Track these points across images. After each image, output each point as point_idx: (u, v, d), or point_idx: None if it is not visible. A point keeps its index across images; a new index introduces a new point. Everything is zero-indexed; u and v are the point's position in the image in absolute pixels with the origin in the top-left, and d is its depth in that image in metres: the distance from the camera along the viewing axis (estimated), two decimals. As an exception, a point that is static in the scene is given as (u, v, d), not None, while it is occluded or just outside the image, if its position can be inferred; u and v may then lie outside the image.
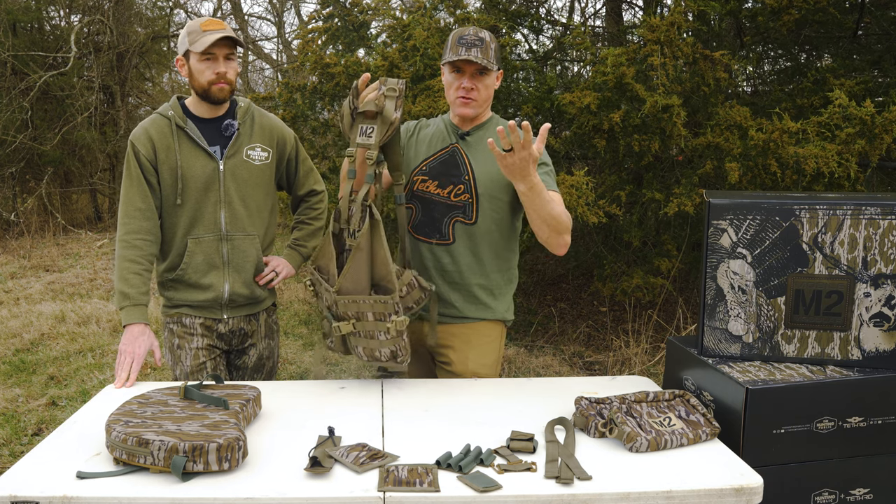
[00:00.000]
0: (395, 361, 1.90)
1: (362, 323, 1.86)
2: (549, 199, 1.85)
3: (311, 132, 4.83)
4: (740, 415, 1.62)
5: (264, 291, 2.29)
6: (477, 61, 1.95)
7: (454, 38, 2.00)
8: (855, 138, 3.32)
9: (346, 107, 1.90)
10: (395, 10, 5.23)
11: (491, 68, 1.98)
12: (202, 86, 2.09)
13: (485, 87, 2.03)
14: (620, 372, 4.19)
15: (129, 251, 2.09)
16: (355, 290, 1.84)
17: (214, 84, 2.09)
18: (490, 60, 1.98)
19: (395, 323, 1.82)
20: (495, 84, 2.07)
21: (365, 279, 1.85)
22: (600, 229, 4.65)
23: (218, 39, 2.03)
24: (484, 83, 2.02)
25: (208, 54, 2.05)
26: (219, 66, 2.08)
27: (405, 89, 1.90)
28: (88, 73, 10.09)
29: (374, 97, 1.86)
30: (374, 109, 1.85)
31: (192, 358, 2.20)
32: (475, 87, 2.01)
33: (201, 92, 2.11)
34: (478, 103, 2.04)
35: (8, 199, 9.66)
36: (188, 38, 2.06)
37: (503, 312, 2.17)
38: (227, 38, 2.05)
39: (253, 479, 1.41)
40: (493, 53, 2.00)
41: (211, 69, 2.07)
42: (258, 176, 2.21)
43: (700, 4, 3.69)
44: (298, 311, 5.78)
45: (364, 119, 1.88)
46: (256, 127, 2.21)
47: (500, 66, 2.08)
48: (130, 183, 2.12)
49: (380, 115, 1.86)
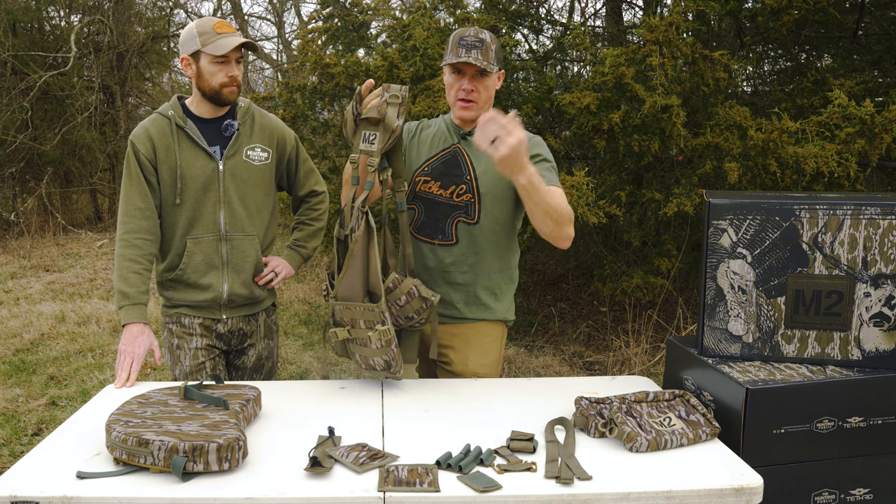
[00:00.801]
0: (390, 371, 1.89)
1: (356, 330, 1.86)
2: (549, 191, 1.85)
3: (311, 132, 4.83)
4: (740, 415, 1.62)
5: (263, 292, 2.29)
6: (477, 63, 1.94)
7: (455, 39, 1.99)
8: (855, 138, 3.32)
9: (350, 112, 1.89)
10: (395, 10, 5.23)
11: (491, 70, 1.98)
12: (213, 87, 2.09)
13: (485, 89, 2.03)
14: (620, 372, 4.19)
15: (128, 250, 2.09)
16: (350, 296, 1.84)
17: (226, 87, 2.09)
18: (490, 62, 1.98)
19: (380, 332, 1.81)
20: (496, 85, 2.07)
21: (359, 286, 1.84)
22: (600, 229, 4.65)
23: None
24: (484, 84, 2.02)
25: (223, 57, 2.06)
26: (232, 69, 2.09)
27: (408, 95, 1.89)
28: (88, 73, 10.10)
29: (377, 104, 1.85)
30: (377, 116, 1.84)
31: (191, 358, 2.20)
32: (475, 88, 2.01)
33: (210, 93, 2.10)
34: (478, 105, 2.04)
35: (8, 199, 9.66)
36: (199, 39, 2.05)
37: (504, 313, 2.17)
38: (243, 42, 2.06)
39: (253, 479, 1.41)
40: (494, 54, 2.00)
41: (224, 72, 2.08)
42: (258, 176, 2.21)
43: (700, 4, 3.69)
44: (298, 311, 5.78)
45: (367, 125, 1.87)
46: (256, 127, 2.21)
47: (502, 67, 2.08)
48: (130, 182, 2.12)
49: (382, 122, 1.85)
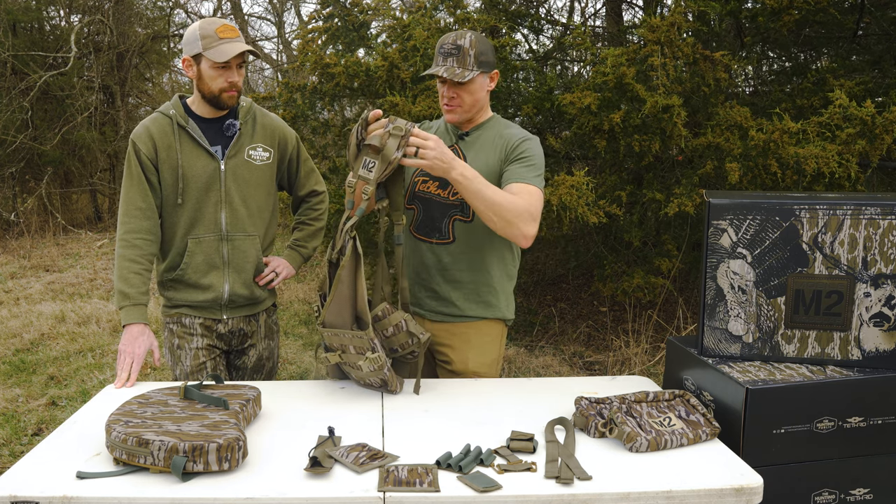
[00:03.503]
0: (387, 389, 1.90)
1: (347, 355, 1.86)
2: (487, 185, 1.85)
3: (311, 132, 4.83)
4: (740, 415, 1.62)
5: (264, 292, 2.28)
6: (446, 76, 1.95)
7: (437, 45, 2.01)
8: (855, 138, 3.32)
9: (354, 136, 1.88)
10: (395, 10, 5.22)
11: (461, 80, 1.97)
12: (212, 92, 2.09)
13: (468, 94, 2.02)
14: (620, 372, 4.19)
15: (128, 250, 2.09)
16: (338, 323, 1.83)
17: (226, 92, 2.09)
18: (468, 67, 1.97)
19: (370, 360, 1.80)
20: (484, 86, 2.06)
21: (347, 312, 1.84)
22: (600, 229, 4.65)
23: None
24: (467, 90, 2.02)
25: (225, 63, 2.05)
26: (232, 75, 2.08)
27: (410, 131, 1.85)
28: (88, 73, 10.09)
29: (381, 133, 1.84)
30: (378, 145, 1.83)
31: (191, 358, 2.20)
32: (456, 94, 2.02)
33: (210, 97, 2.10)
34: (462, 109, 2.05)
35: (8, 199, 9.66)
36: (202, 42, 2.04)
37: (503, 310, 2.17)
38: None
39: (253, 479, 1.41)
40: (474, 59, 1.99)
41: (224, 77, 2.07)
42: (259, 176, 2.21)
43: (700, 5, 3.69)
44: (298, 311, 5.78)
45: (369, 152, 1.86)
46: (258, 127, 2.21)
47: (489, 68, 2.05)
48: (131, 182, 2.12)
49: (381, 153, 1.84)
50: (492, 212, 1.87)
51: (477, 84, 2.03)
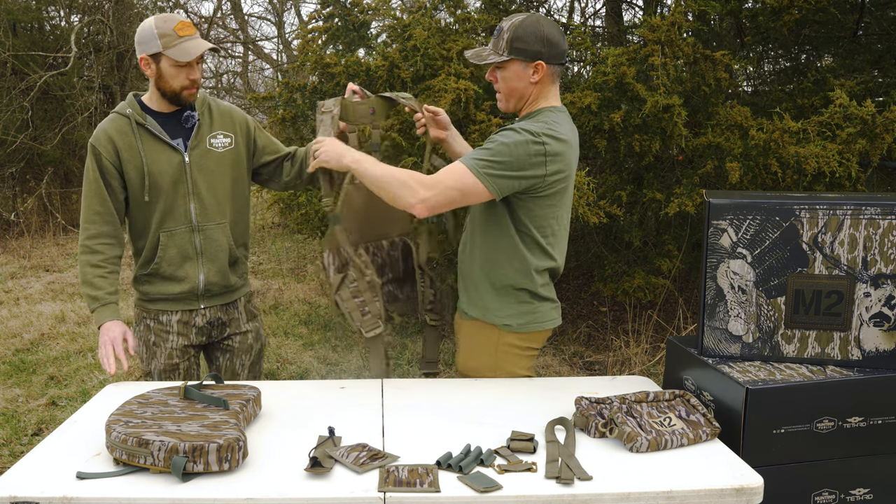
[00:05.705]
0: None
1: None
2: (375, 165, 1.91)
3: (311, 132, 4.83)
4: (740, 415, 1.62)
5: (239, 279, 2.33)
6: (468, 55, 1.97)
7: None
8: (856, 138, 3.32)
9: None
10: (396, 10, 5.22)
11: (478, 62, 1.94)
12: (173, 90, 2.10)
13: (501, 80, 1.95)
14: (620, 372, 4.19)
15: (91, 256, 2.12)
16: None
17: (187, 89, 2.10)
18: (498, 51, 1.91)
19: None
20: (521, 76, 1.91)
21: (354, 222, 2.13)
22: (601, 229, 4.65)
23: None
24: (500, 76, 1.95)
25: (188, 62, 2.06)
26: (194, 72, 2.09)
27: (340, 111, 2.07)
28: (88, 73, 10.09)
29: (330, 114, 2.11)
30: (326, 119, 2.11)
31: (165, 357, 2.24)
32: (494, 79, 1.97)
33: (171, 95, 2.11)
34: (501, 95, 1.98)
35: (8, 199, 9.66)
36: (161, 41, 2.03)
37: (497, 316, 2.00)
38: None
39: (253, 480, 1.41)
40: (505, 43, 1.88)
41: (185, 75, 2.08)
42: (224, 163, 2.22)
43: (700, 4, 3.69)
44: (298, 311, 5.78)
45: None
46: (216, 114, 2.23)
47: (524, 57, 1.89)
48: (89, 188, 2.14)
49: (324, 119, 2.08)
50: (377, 188, 1.89)
51: (510, 71, 1.91)
